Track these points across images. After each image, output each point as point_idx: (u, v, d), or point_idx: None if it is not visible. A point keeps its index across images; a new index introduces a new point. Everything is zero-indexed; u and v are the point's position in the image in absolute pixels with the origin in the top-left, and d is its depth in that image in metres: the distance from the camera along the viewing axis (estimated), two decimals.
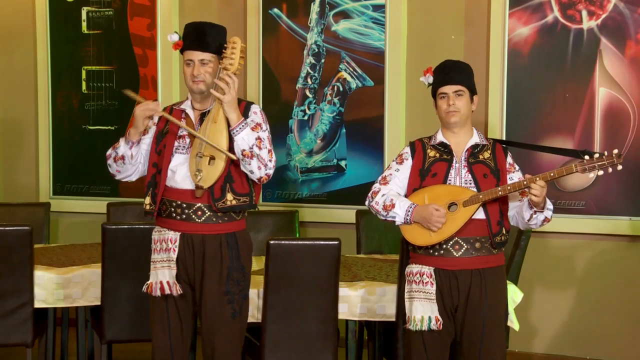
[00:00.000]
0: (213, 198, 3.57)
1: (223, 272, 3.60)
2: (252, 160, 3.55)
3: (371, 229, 5.12)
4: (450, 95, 3.55)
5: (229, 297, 3.61)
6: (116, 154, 3.70)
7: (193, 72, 3.57)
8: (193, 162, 3.56)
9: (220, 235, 3.62)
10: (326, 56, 5.80)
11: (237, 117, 3.55)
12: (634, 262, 5.19)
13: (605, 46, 5.12)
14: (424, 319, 3.50)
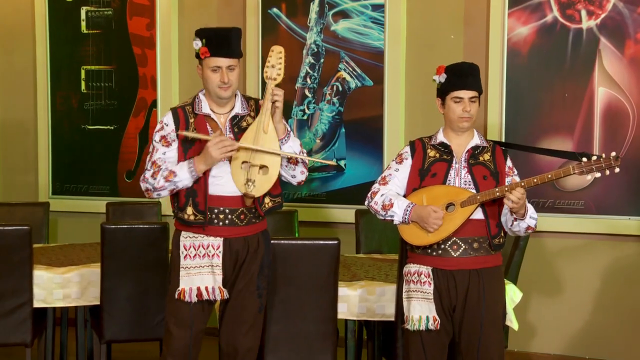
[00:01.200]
0: (259, 203, 3.65)
1: (257, 268, 3.68)
2: (297, 166, 3.70)
3: (370, 229, 5.11)
4: (466, 101, 3.54)
5: (259, 291, 3.70)
6: (176, 186, 3.59)
7: (223, 79, 3.57)
8: (239, 172, 3.59)
9: (257, 235, 3.71)
10: (325, 56, 5.80)
11: (284, 127, 3.64)
12: (634, 261, 5.19)
13: (604, 46, 5.12)
14: (421, 319, 3.51)
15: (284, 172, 3.71)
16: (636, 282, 5.18)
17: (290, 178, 3.73)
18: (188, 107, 3.68)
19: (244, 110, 3.70)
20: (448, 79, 3.58)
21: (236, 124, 3.66)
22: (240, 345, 3.69)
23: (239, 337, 3.69)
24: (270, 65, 3.62)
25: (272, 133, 3.60)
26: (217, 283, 3.61)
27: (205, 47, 3.57)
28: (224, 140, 3.53)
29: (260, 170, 3.58)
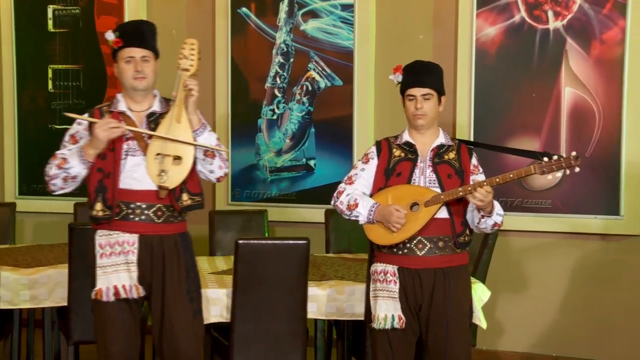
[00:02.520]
0: (175, 197, 3.58)
1: (182, 272, 3.61)
2: (215, 159, 3.61)
3: (340, 229, 5.12)
4: (418, 98, 3.55)
5: (190, 295, 3.62)
6: (67, 174, 3.58)
7: (137, 68, 3.54)
8: (153, 163, 3.53)
9: (175, 235, 3.63)
10: (295, 55, 5.79)
11: (198, 119, 3.59)
12: (599, 260, 5.24)
13: (570, 46, 5.17)
14: (387, 318, 3.52)
15: (202, 167, 3.63)
16: (601, 281, 5.23)
17: (208, 174, 3.65)
18: (105, 107, 3.66)
19: (162, 108, 3.65)
20: (403, 78, 3.61)
21: (153, 121, 3.61)
22: (181, 354, 3.60)
23: (180, 345, 3.60)
24: (183, 56, 3.57)
25: (186, 124, 3.55)
26: (133, 280, 3.56)
27: (119, 38, 3.55)
28: (110, 122, 3.49)
29: (174, 161, 3.52)
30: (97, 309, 3.60)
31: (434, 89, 3.57)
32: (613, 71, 5.08)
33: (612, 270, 5.19)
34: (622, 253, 5.17)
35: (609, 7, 5.08)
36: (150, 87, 3.62)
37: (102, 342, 3.61)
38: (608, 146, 5.11)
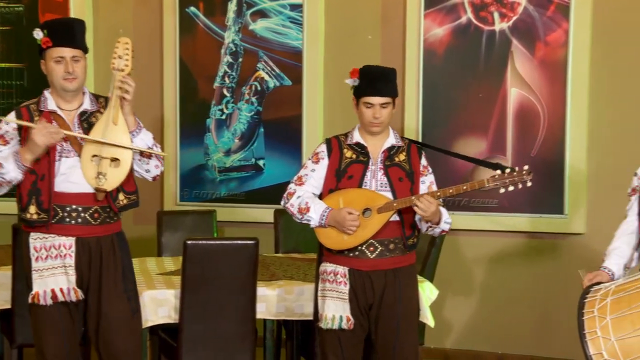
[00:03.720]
0: (112, 198, 3.55)
1: (119, 271, 3.58)
2: (151, 159, 3.60)
3: (289, 228, 5.11)
4: (377, 107, 3.54)
5: (127, 294, 3.59)
6: (2, 179, 3.47)
7: (67, 69, 3.47)
8: (89, 166, 3.48)
9: (111, 235, 3.60)
10: (244, 55, 5.78)
11: (134, 120, 3.55)
12: (545, 258, 5.32)
13: (516, 47, 5.24)
14: (335, 318, 3.53)
15: (138, 167, 3.61)
16: (546, 278, 5.31)
17: (144, 173, 3.63)
18: (33, 105, 3.58)
19: (93, 106, 3.60)
20: (360, 84, 3.58)
21: (85, 120, 3.56)
22: (120, 353, 3.57)
23: (118, 344, 3.57)
24: (117, 56, 3.53)
25: (122, 125, 3.51)
26: (71, 284, 3.51)
27: (48, 37, 3.47)
28: (49, 127, 3.42)
29: (111, 163, 3.49)
30: (35, 312, 3.54)
31: (390, 97, 3.56)
32: (557, 72, 5.16)
33: (556, 268, 5.27)
34: (566, 251, 5.26)
35: (552, 9, 5.16)
36: (81, 86, 3.57)
37: (39, 346, 3.56)
38: (552, 146, 5.19)
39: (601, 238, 5.08)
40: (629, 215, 3.45)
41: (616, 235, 3.47)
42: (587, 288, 3.23)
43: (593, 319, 3.05)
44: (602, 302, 3.07)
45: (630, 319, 2.96)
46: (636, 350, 2.92)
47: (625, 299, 3.02)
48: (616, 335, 2.97)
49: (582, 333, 3.05)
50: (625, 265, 3.39)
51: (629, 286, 3.07)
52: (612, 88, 5.10)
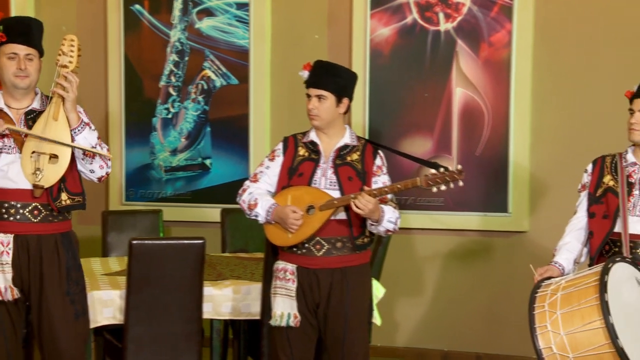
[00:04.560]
0: (52, 197, 3.49)
1: (62, 273, 3.52)
2: (95, 159, 3.55)
3: (236, 228, 5.10)
4: (313, 99, 3.57)
5: (71, 297, 3.54)
6: None
7: (20, 66, 3.44)
8: (28, 161, 3.43)
9: (55, 235, 3.54)
10: (190, 54, 5.74)
11: (77, 117, 3.50)
12: (489, 256, 5.39)
13: (461, 48, 5.30)
14: (283, 315, 3.54)
15: (82, 167, 3.57)
16: (491, 276, 5.38)
17: (89, 173, 3.59)
18: None
19: (42, 106, 3.56)
20: (307, 77, 3.62)
21: (31, 119, 3.52)
22: (61, 356, 3.52)
23: (62, 350, 3.51)
24: (62, 52, 3.50)
25: (63, 122, 3.48)
26: (7, 282, 3.45)
27: (3, 32, 3.44)
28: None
29: (50, 160, 3.44)
30: None
31: (330, 91, 3.56)
32: (501, 72, 5.24)
33: (500, 266, 5.35)
34: (509, 249, 5.34)
35: (496, 10, 5.24)
36: (32, 86, 3.52)
37: None
38: (496, 145, 5.27)
39: (544, 235, 5.20)
40: (579, 211, 3.51)
41: (566, 230, 3.53)
42: (538, 283, 3.28)
43: (543, 313, 3.10)
44: (553, 296, 3.12)
45: (579, 314, 3.02)
46: (584, 345, 2.98)
47: (575, 294, 3.08)
48: (565, 330, 3.02)
49: (533, 327, 3.10)
50: (575, 260, 3.44)
51: (579, 281, 3.12)
52: (554, 88, 5.20)
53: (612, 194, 3.37)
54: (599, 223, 3.38)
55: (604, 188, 3.41)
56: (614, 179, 3.39)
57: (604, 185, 3.42)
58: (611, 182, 3.39)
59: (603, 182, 3.42)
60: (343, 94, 3.60)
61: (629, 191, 3.33)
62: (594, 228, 3.40)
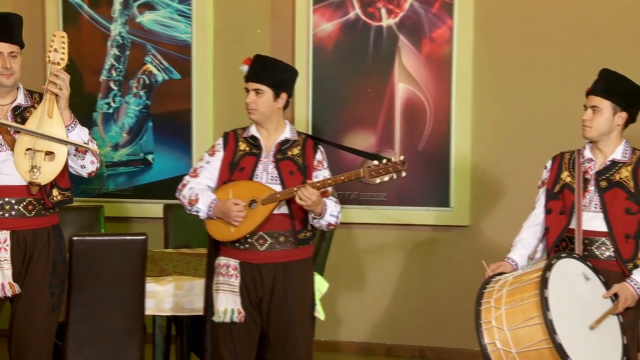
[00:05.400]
0: (46, 193, 3.52)
1: (49, 265, 3.54)
2: (87, 155, 3.58)
3: (179, 223, 5.07)
4: (251, 93, 3.56)
5: (52, 290, 3.55)
6: None
7: (5, 65, 3.44)
8: (23, 159, 3.44)
9: (47, 228, 3.57)
10: (131, 48, 5.68)
11: (70, 114, 3.52)
12: (431, 250, 5.45)
13: (403, 43, 5.35)
14: (227, 311, 3.53)
15: (73, 163, 3.59)
16: (433, 270, 5.44)
17: (79, 169, 3.62)
18: None
19: (27, 101, 3.58)
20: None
21: (19, 114, 3.52)
22: (32, 346, 3.53)
23: (31, 337, 3.52)
24: (53, 49, 3.52)
25: (58, 119, 3.48)
26: (6, 278, 3.45)
27: None
28: None
29: (46, 157, 3.46)
30: None
31: (268, 85, 3.55)
32: (442, 68, 5.30)
33: (443, 260, 5.41)
34: (452, 243, 5.40)
35: (437, 6, 5.29)
36: (17, 82, 3.53)
37: None
38: (438, 141, 5.32)
39: (486, 229, 5.29)
40: (537, 207, 3.54)
41: (524, 226, 3.56)
42: (488, 278, 3.31)
43: (489, 309, 3.14)
44: (499, 292, 3.16)
45: (521, 309, 3.07)
46: (526, 340, 3.03)
47: (519, 290, 3.12)
48: (509, 326, 3.07)
49: (478, 323, 3.13)
50: (529, 256, 3.46)
51: (525, 277, 3.17)
52: (494, 84, 5.27)
53: (568, 190, 3.40)
54: (555, 219, 3.42)
55: (561, 184, 3.45)
56: (571, 175, 3.42)
57: (561, 181, 3.45)
58: (568, 179, 3.43)
59: (561, 178, 3.46)
60: (281, 89, 3.59)
61: (585, 187, 3.37)
62: (550, 224, 3.44)
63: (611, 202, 3.31)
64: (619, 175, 3.34)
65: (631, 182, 3.32)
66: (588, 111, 3.38)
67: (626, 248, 3.27)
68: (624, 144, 3.40)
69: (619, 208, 3.30)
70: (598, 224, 3.31)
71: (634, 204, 3.29)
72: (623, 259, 3.27)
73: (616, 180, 3.33)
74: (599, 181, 3.35)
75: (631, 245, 3.27)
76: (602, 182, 3.35)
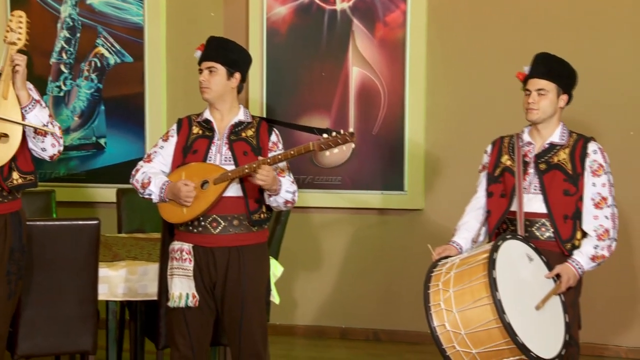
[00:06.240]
0: (3, 177, 3.45)
1: (5, 253, 3.49)
2: (47, 137, 3.52)
3: (132, 208, 5.03)
4: (204, 72, 3.56)
5: (9, 277, 3.51)
6: None
7: None
8: None
9: (5, 215, 3.50)
10: (82, 30, 5.59)
11: (27, 95, 3.46)
12: (385, 233, 5.49)
13: (357, 27, 5.35)
14: (182, 296, 3.52)
15: (33, 145, 3.54)
16: (387, 253, 5.48)
17: (40, 152, 3.56)
18: None
19: None
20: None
21: None
22: None
23: None
24: (10, 29, 3.48)
25: (13, 100, 3.43)
26: None
27: None
28: None
29: (2, 139, 3.40)
30: None
31: (221, 63, 3.55)
32: (396, 52, 5.31)
33: (397, 243, 5.45)
34: (405, 226, 5.44)
35: None
36: None
37: None
38: (392, 124, 5.35)
39: (439, 213, 5.34)
40: (478, 191, 3.60)
41: (466, 210, 3.61)
42: (435, 262, 3.35)
43: (437, 292, 3.17)
44: (447, 275, 3.20)
45: (470, 291, 3.11)
46: (475, 321, 3.07)
47: (466, 272, 3.16)
48: (457, 307, 3.10)
49: (427, 305, 3.17)
50: (472, 239, 3.53)
51: (471, 259, 3.21)
52: (447, 68, 5.31)
53: (509, 173, 3.47)
54: (497, 202, 3.48)
55: (501, 168, 3.51)
56: (511, 158, 3.49)
57: (501, 165, 3.52)
58: (508, 162, 3.50)
59: (501, 162, 3.52)
60: (234, 68, 3.58)
61: (525, 170, 3.43)
62: (491, 207, 3.50)
63: (550, 184, 3.38)
64: (557, 157, 3.42)
65: (569, 164, 3.40)
66: (533, 94, 3.43)
67: (565, 229, 3.36)
68: (561, 127, 3.48)
69: (557, 190, 3.37)
70: (538, 206, 3.38)
71: (572, 185, 3.37)
72: (562, 239, 3.36)
73: (555, 163, 3.41)
74: (538, 164, 3.42)
75: (569, 225, 3.36)
76: (541, 165, 3.42)
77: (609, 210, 3.37)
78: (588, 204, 3.37)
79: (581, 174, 3.39)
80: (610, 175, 3.41)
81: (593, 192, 3.37)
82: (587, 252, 3.33)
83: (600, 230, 3.35)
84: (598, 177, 3.38)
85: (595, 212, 3.36)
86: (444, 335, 3.11)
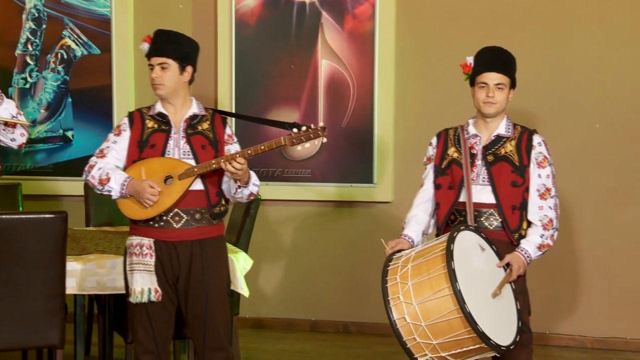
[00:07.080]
0: None
1: None
2: (16, 128, 3.60)
3: (100, 201, 4.97)
4: (156, 68, 3.52)
5: None
6: None
7: None
8: None
9: None
10: (48, 22, 5.53)
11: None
12: (355, 226, 5.50)
13: (326, 20, 5.35)
14: (143, 291, 3.49)
15: (3, 137, 3.58)
16: (355, 245, 5.49)
17: (9, 142, 3.62)
18: None
19: None
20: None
21: None
22: None
23: None
24: None
25: None
26: None
27: None
28: None
29: None
30: None
31: (173, 59, 3.50)
32: (365, 45, 5.32)
33: (366, 236, 5.46)
34: (375, 219, 5.46)
35: None
36: None
37: None
38: (362, 117, 5.36)
39: (407, 205, 5.29)
40: (425, 184, 3.63)
41: (414, 203, 3.64)
42: (389, 256, 3.38)
43: (396, 285, 3.19)
44: (404, 268, 3.22)
45: (429, 283, 3.13)
46: (435, 313, 3.10)
47: (424, 265, 3.19)
48: (417, 300, 3.13)
49: (386, 299, 3.19)
50: (423, 231, 3.57)
51: (427, 252, 3.24)
52: (416, 61, 5.33)
53: (456, 165, 3.50)
54: (445, 194, 3.52)
55: (448, 160, 3.54)
56: (457, 150, 3.53)
57: (448, 157, 3.55)
58: (455, 154, 3.53)
59: (447, 154, 3.55)
60: (186, 62, 3.55)
61: (472, 162, 3.47)
62: (440, 199, 3.53)
63: (498, 175, 3.43)
64: (504, 149, 3.46)
65: (516, 156, 3.45)
66: (492, 88, 3.46)
67: (513, 219, 3.41)
68: (506, 120, 3.53)
69: (505, 181, 3.42)
70: (486, 197, 3.43)
71: (519, 177, 3.43)
72: (510, 229, 3.41)
73: (502, 155, 3.46)
74: (486, 155, 3.46)
75: (517, 216, 3.41)
76: (489, 157, 3.46)
77: (552, 200, 3.44)
78: (534, 194, 3.43)
79: (527, 166, 3.44)
80: (552, 167, 3.47)
81: (539, 183, 3.44)
82: (534, 241, 3.40)
83: (545, 220, 3.42)
84: (543, 168, 3.45)
85: (540, 202, 3.43)
86: (404, 328, 3.13)
